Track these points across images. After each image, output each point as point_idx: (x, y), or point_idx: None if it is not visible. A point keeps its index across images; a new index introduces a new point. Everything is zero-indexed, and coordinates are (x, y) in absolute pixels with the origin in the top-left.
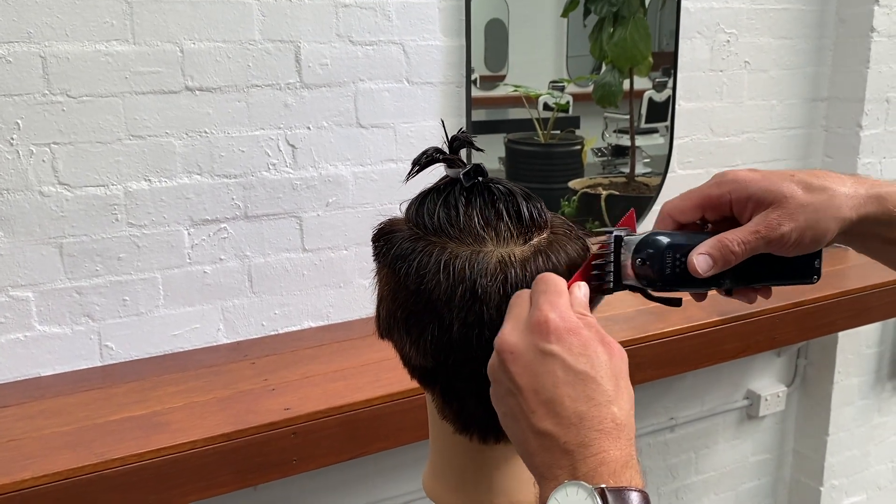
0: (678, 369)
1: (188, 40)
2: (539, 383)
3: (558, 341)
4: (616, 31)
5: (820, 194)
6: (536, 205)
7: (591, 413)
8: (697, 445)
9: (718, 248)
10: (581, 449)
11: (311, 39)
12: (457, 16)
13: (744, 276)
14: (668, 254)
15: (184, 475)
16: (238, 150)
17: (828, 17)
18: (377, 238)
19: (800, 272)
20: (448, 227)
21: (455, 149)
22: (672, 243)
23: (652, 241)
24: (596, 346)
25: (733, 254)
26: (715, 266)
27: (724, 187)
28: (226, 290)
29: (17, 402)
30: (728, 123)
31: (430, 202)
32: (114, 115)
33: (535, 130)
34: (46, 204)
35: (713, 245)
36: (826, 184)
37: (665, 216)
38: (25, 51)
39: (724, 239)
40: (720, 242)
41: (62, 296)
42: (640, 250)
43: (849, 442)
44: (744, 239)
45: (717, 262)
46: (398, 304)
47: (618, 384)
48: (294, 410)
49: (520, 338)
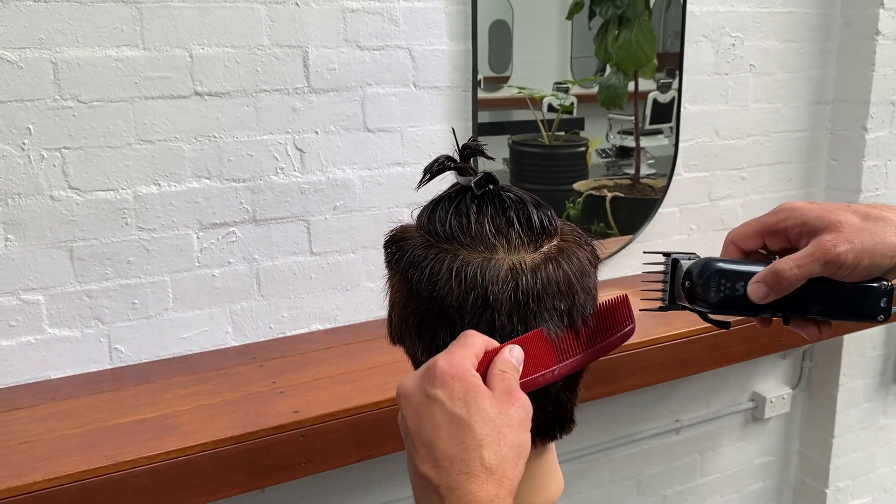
0: (684, 372)
1: (197, 46)
2: (421, 426)
3: (441, 386)
4: (621, 33)
5: (875, 222)
6: (546, 212)
7: (459, 456)
8: (703, 447)
9: (773, 276)
10: (449, 493)
11: (319, 44)
12: (463, 20)
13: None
14: (715, 279)
15: (194, 477)
16: (246, 154)
17: (833, 20)
18: (389, 245)
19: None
20: (460, 235)
21: (466, 157)
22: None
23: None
24: (478, 392)
25: (786, 279)
26: (771, 292)
27: (779, 214)
28: (234, 293)
29: (29, 404)
30: (733, 126)
31: (441, 210)
32: (124, 119)
33: (540, 132)
34: (57, 208)
35: (767, 272)
36: (883, 214)
37: (728, 243)
38: (37, 56)
39: (777, 265)
40: (773, 269)
41: (72, 299)
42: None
43: (854, 444)
44: (798, 262)
45: (772, 288)
46: (410, 311)
47: (499, 431)
48: (302, 413)
49: (413, 382)
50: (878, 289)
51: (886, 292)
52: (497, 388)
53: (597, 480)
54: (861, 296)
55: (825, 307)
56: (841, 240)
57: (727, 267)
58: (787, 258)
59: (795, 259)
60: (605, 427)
